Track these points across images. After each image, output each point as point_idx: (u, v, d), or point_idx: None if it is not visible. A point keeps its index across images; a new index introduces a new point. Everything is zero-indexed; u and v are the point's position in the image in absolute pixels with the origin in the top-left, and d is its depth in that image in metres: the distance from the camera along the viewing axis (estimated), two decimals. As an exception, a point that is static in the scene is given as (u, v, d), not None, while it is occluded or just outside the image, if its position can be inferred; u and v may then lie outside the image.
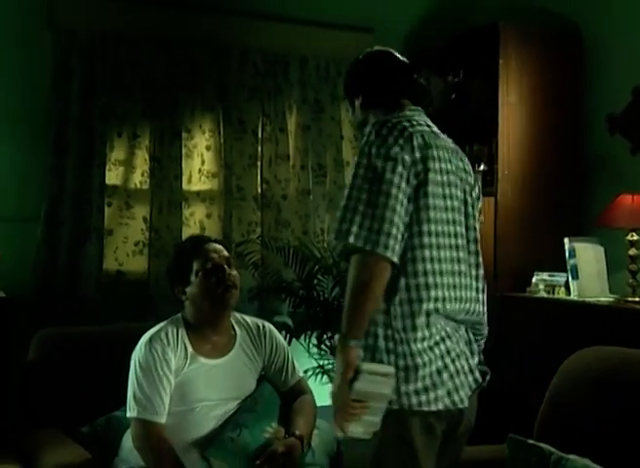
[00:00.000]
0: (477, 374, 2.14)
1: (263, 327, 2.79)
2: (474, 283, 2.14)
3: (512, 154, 3.82)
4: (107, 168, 3.87)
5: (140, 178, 3.96)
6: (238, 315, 2.78)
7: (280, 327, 3.72)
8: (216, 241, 2.75)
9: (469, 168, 2.23)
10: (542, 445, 2.37)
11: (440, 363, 2.05)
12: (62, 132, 3.75)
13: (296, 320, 3.91)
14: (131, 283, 3.92)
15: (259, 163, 4.18)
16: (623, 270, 3.54)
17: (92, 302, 3.72)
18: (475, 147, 4.04)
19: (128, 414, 2.53)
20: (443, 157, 2.09)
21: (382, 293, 1.99)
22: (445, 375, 2.05)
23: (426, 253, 2.03)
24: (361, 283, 1.95)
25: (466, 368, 2.12)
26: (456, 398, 2.06)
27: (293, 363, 2.82)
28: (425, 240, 2.03)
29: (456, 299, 2.08)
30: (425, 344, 2.02)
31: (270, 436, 2.56)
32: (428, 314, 2.02)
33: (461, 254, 2.11)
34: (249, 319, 2.80)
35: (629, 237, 3.48)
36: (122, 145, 3.92)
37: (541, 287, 3.68)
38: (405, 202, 1.98)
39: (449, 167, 2.11)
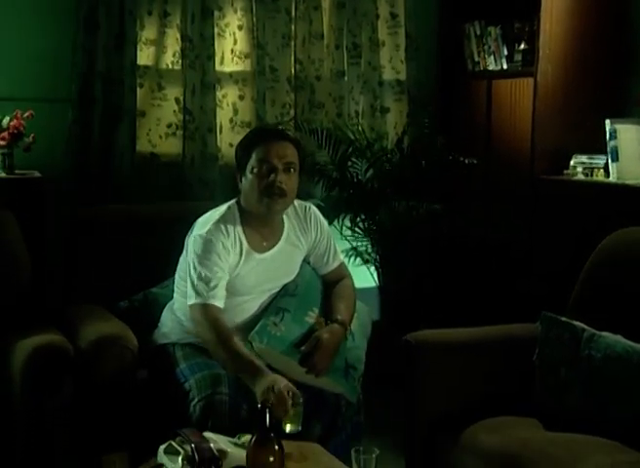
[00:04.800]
0: None
1: (310, 209, 2.76)
2: None
3: (554, 32, 3.65)
4: (138, 48, 3.79)
5: (171, 59, 3.87)
6: None
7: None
8: (288, 138, 2.60)
9: None
10: (576, 322, 2.38)
11: None
12: (92, 9, 3.64)
13: (329, 202, 3.90)
14: (165, 165, 3.89)
15: (292, 43, 4.07)
16: (666, 152, 3.46)
17: (126, 183, 3.71)
18: (516, 25, 3.88)
19: (189, 302, 2.51)
20: None
21: None
22: None
23: None
24: None
25: None
26: None
27: (335, 246, 2.81)
28: None
29: None
30: None
31: (313, 321, 2.58)
32: None
33: None
34: (296, 202, 2.72)
35: (673, 118, 3.39)
36: (152, 24, 3.81)
37: (580, 169, 3.60)
38: None
39: None
